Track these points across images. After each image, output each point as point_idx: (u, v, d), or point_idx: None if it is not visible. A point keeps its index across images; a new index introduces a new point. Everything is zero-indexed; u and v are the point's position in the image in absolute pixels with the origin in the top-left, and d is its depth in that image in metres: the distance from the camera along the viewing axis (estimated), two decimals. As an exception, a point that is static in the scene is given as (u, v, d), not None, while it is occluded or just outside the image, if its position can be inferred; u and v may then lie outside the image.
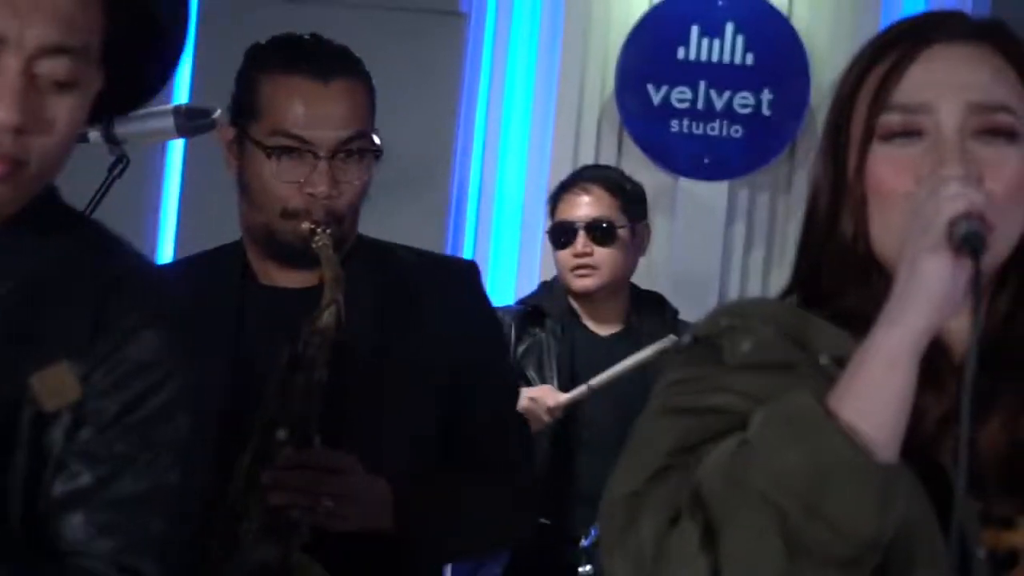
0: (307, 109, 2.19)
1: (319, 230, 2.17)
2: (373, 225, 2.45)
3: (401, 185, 4.65)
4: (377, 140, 2.26)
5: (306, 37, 2.26)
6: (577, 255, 3.77)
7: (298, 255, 2.21)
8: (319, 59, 2.22)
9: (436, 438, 2.28)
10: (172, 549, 1.49)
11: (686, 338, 1.49)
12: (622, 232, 3.78)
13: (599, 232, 3.77)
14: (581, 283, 3.77)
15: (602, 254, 3.76)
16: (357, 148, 2.22)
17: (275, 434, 2.11)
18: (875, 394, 1.32)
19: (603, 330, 3.83)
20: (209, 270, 2.33)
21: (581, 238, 3.76)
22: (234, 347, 2.22)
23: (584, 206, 3.81)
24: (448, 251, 4.77)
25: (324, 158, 2.18)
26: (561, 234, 3.81)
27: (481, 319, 2.38)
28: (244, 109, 2.25)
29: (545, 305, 3.83)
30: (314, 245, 2.17)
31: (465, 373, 2.29)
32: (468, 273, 2.40)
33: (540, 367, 3.75)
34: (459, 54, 4.79)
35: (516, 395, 2.53)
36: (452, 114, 4.79)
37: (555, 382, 3.73)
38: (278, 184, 2.20)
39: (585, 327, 3.83)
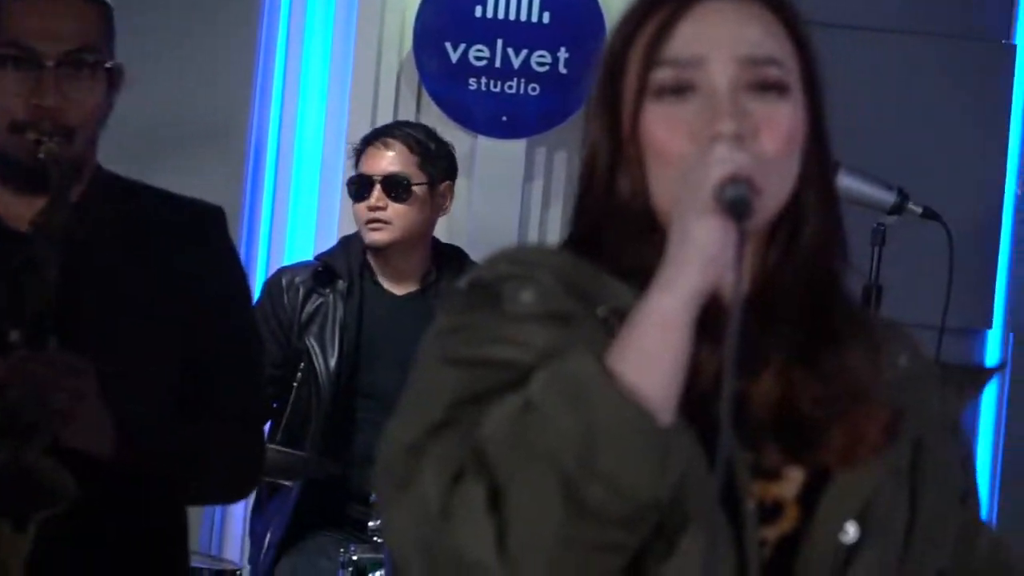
0: (34, 20, 2.19)
1: (44, 139, 2.14)
2: (169, 179, 2.44)
3: (198, 139, 4.62)
4: (110, 63, 2.23)
5: None
6: (371, 208, 3.79)
7: (28, 174, 2.18)
8: None
9: (170, 376, 2.27)
10: None
11: (463, 283, 1.47)
12: (418, 189, 3.80)
13: (395, 187, 3.79)
14: (373, 236, 3.80)
15: (396, 209, 3.79)
16: (90, 61, 2.20)
17: (7, 336, 2.09)
18: (651, 357, 1.33)
19: (398, 289, 3.86)
20: None
21: (377, 192, 3.79)
22: None
23: (383, 160, 3.83)
24: (246, 207, 4.75)
25: (50, 68, 2.16)
26: (359, 187, 3.83)
27: (225, 266, 2.37)
28: None
29: (337, 264, 3.84)
30: (41, 155, 2.14)
31: (205, 320, 2.29)
32: (213, 218, 2.38)
33: (321, 334, 3.76)
34: (256, 10, 4.75)
35: (256, 347, 2.53)
36: (248, 71, 4.75)
37: (334, 350, 3.76)
38: (5, 96, 2.18)
39: (379, 286, 3.85)
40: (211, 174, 4.43)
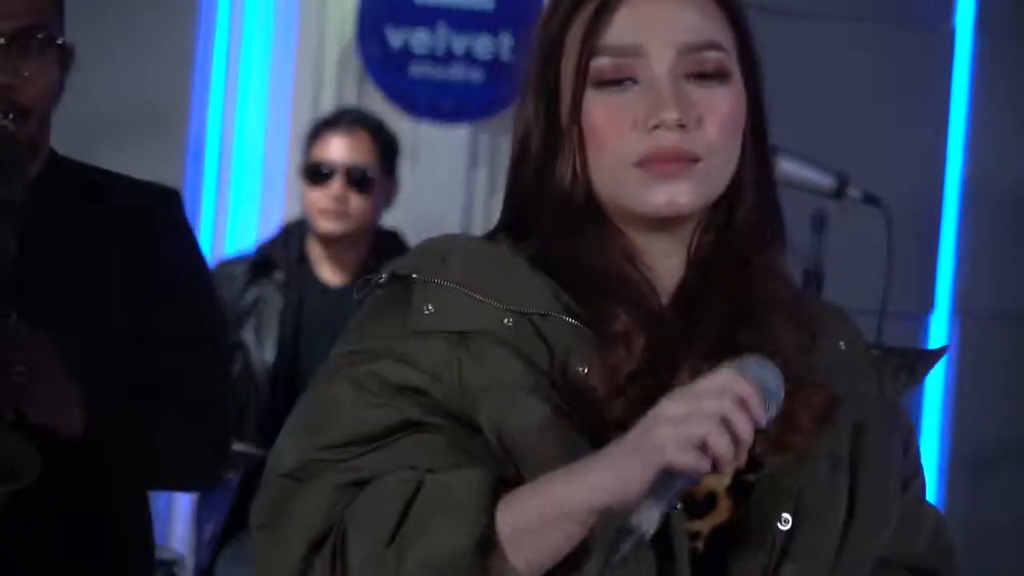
0: None
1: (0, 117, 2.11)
2: (107, 166, 2.42)
3: (137, 127, 4.59)
4: (61, 40, 2.21)
5: None
6: (333, 198, 3.76)
7: None
8: None
9: (128, 358, 2.24)
10: None
11: (383, 274, 1.46)
12: (379, 183, 3.79)
13: (358, 179, 3.76)
14: (329, 226, 3.77)
15: (357, 202, 3.76)
16: (40, 39, 2.17)
17: None
18: (539, 534, 1.32)
19: (336, 280, 3.83)
20: None
21: (339, 182, 3.75)
22: None
23: (346, 149, 3.79)
24: (187, 194, 4.71)
25: (3, 45, 2.13)
26: (318, 174, 3.79)
27: (182, 247, 2.35)
28: None
29: (276, 255, 3.80)
30: None
31: (164, 302, 2.26)
32: (169, 199, 2.36)
33: (259, 327, 3.73)
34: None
35: (219, 329, 2.51)
36: (188, 56, 4.72)
37: (272, 343, 3.73)
38: None
39: (315, 279, 3.82)
40: (151, 161, 4.38)
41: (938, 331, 5.14)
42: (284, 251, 3.81)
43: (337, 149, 3.79)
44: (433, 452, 1.38)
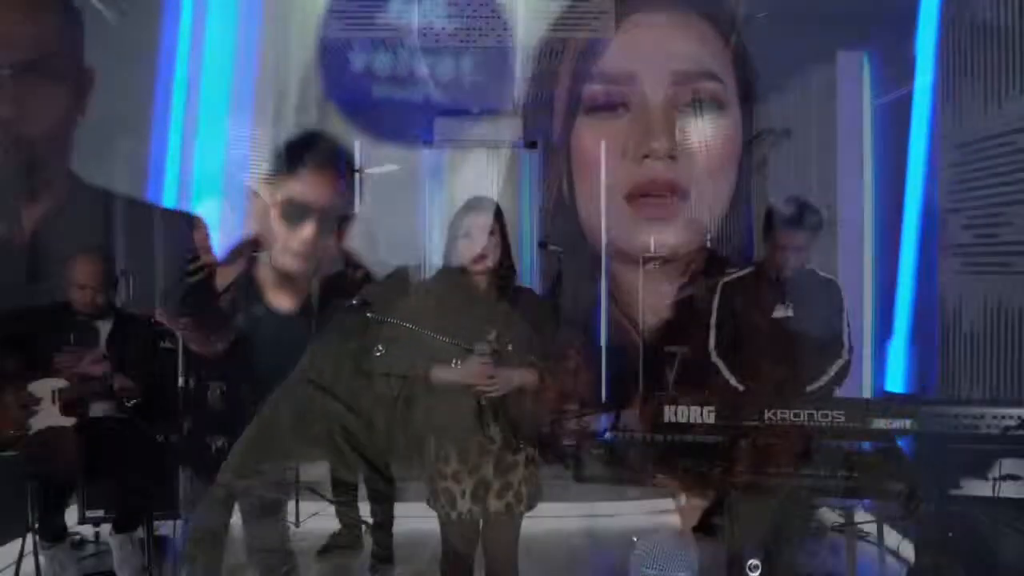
0: None
1: None
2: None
3: (99, 140, 4.58)
4: (75, 68, 2.20)
5: None
6: (305, 240, 3.75)
7: None
8: None
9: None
10: None
11: (355, 300, 1.46)
12: (344, 220, 3.80)
13: (331, 221, 3.76)
14: (295, 265, 3.76)
15: (324, 243, 3.76)
16: (49, 68, 2.15)
17: None
18: None
19: (286, 304, 3.81)
20: None
21: (312, 225, 3.74)
22: None
23: (321, 191, 3.78)
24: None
25: (6, 76, 2.11)
26: (293, 214, 3.78)
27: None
28: None
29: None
30: None
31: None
32: (192, 226, 2.36)
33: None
34: (158, 11, 4.72)
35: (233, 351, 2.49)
36: (150, 75, 4.71)
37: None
38: None
39: (264, 305, 3.80)
40: (111, 177, 4.39)
41: (897, 355, 5.15)
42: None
43: (312, 188, 3.78)
44: None
